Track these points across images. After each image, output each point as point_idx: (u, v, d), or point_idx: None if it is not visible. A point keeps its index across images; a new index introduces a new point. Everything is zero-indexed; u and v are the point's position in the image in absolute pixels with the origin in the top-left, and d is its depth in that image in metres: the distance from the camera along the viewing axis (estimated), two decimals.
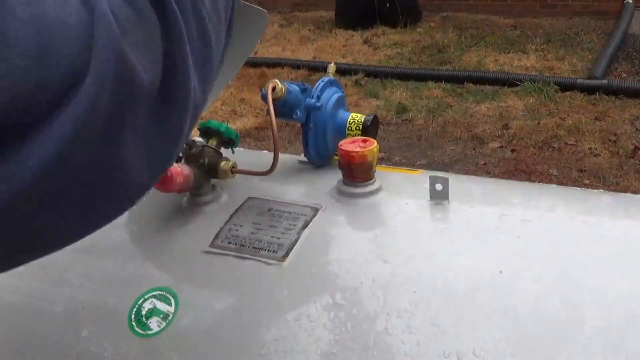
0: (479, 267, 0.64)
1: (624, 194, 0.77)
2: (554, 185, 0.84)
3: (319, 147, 0.86)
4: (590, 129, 3.15)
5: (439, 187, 0.74)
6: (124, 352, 0.65)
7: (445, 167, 2.93)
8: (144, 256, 0.74)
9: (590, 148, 2.99)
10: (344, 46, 4.73)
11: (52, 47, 0.28)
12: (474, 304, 0.60)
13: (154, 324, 0.66)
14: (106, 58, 0.30)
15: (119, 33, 0.31)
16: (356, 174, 0.77)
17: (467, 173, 2.77)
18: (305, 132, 0.84)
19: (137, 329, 0.66)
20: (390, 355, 0.58)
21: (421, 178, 0.81)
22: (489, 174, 2.84)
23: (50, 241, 0.35)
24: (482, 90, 3.75)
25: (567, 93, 3.57)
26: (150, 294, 0.69)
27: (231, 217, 0.76)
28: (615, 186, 2.66)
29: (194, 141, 0.79)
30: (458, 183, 0.77)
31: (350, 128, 0.86)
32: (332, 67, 0.92)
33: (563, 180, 2.74)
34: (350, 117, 0.87)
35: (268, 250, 0.70)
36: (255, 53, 4.34)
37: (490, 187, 0.82)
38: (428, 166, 2.92)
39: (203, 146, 0.79)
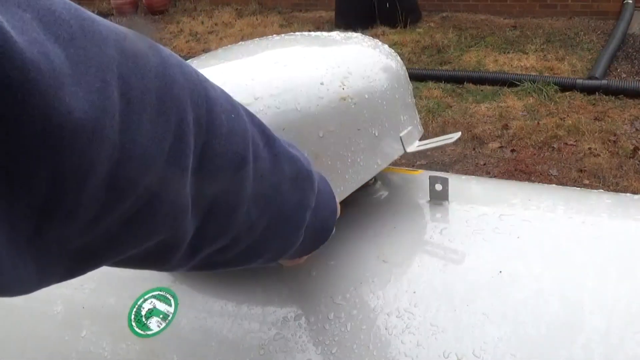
0: (478, 267, 0.64)
1: (624, 194, 0.77)
2: (554, 185, 0.84)
3: None
4: (590, 129, 3.15)
5: (438, 187, 0.74)
6: (124, 352, 0.65)
7: (445, 167, 2.93)
8: None
9: (590, 148, 2.99)
10: None
11: None
12: (474, 304, 0.59)
13: (154, 324, 0.66)
14: None
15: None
16: None
17: (467, 173, 2.77)
18: None
19: (137, 329, 0.66)
20: (390, 355, 0.58)
21: (421, 178, 0.81)
22: (488, 174, 2.84)
23: None
24: (481, 90, 3.75)
25: (567, 93, 3.57)
26: (150, 294, 0.69)
27: None
28: (615, 186, 2.65)
29: None
30: (458, 183, 0.77)
31: None
32: None
33: (563, 180, 2.73)
34: None
35: None
36: None
37: (490, 187, 0.82)
38: (428, 166, 2.92)
39: None
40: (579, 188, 1.04)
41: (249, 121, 0.40)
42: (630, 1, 4.64)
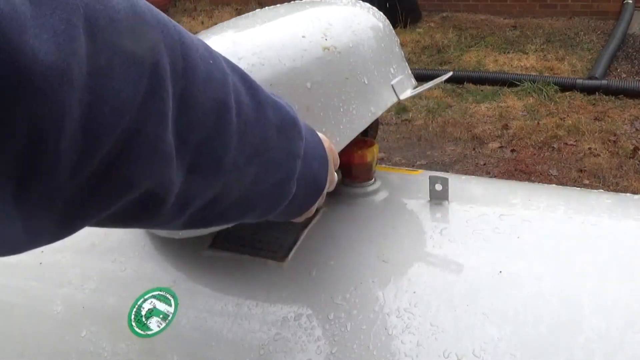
0: (478, 268, 0.64)
1: (624, 194, 0.77)
2: (554, 185, 0.84)
3: None
4: (590, 129, 3.15)
5: (438, 187, 0.74)
6: (124, 352, 0.65)
7: (445, 167, 2.93)
8: (144, 256, 0.74)
9: (590, 148, 2.99)
10: None
11: None
12: (474, 304, 0.60)
13: (154, 324, 0.66)
14: None
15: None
16: (356, 174, 0.77)
17: (467, 173, 2.77)
18: None
19: (137, 329, 0.66)
20: (390, 355, 0.58)
21: (421, 178, 0.81)
22: (488, 174, 2.85)
23: None
24: (481, 90, 3.75)
25: (567, 93, 3.58)
26: (150, 294, 0.69)
27: None
28: (615, 186, 2.66)
29: None
30: (458, 183, 0.77)
31: None
32: None
33: (563, 180, 2.74)
34: None
35: (268, 250, 0.70)
36: None
37: (490, 187, 0.82)
38: (428, 166, 2.92)
39: None
40: (579, 188, 1.04)
41: (229, 69, 0.39)
42: (630, 1, 4.64)
